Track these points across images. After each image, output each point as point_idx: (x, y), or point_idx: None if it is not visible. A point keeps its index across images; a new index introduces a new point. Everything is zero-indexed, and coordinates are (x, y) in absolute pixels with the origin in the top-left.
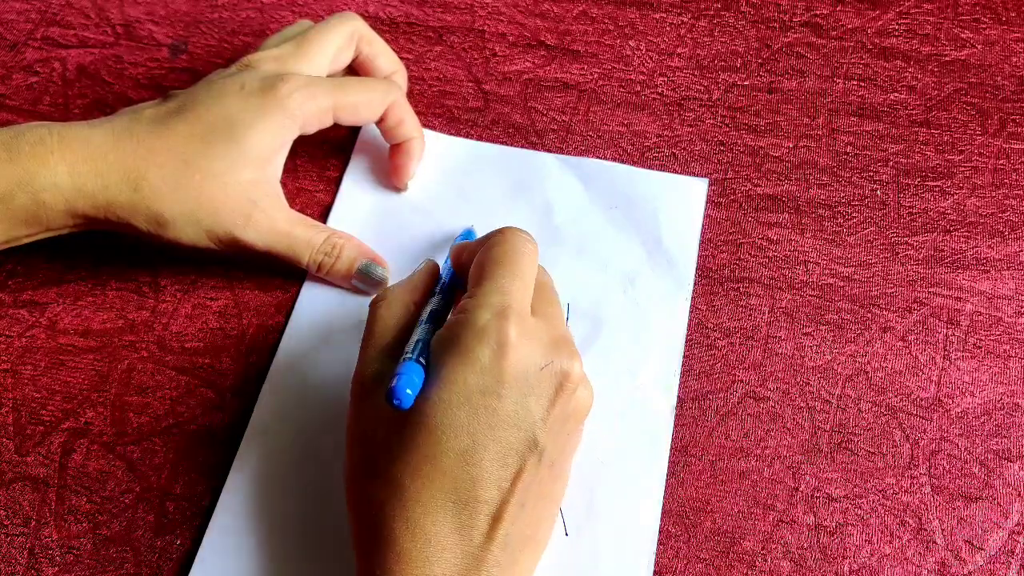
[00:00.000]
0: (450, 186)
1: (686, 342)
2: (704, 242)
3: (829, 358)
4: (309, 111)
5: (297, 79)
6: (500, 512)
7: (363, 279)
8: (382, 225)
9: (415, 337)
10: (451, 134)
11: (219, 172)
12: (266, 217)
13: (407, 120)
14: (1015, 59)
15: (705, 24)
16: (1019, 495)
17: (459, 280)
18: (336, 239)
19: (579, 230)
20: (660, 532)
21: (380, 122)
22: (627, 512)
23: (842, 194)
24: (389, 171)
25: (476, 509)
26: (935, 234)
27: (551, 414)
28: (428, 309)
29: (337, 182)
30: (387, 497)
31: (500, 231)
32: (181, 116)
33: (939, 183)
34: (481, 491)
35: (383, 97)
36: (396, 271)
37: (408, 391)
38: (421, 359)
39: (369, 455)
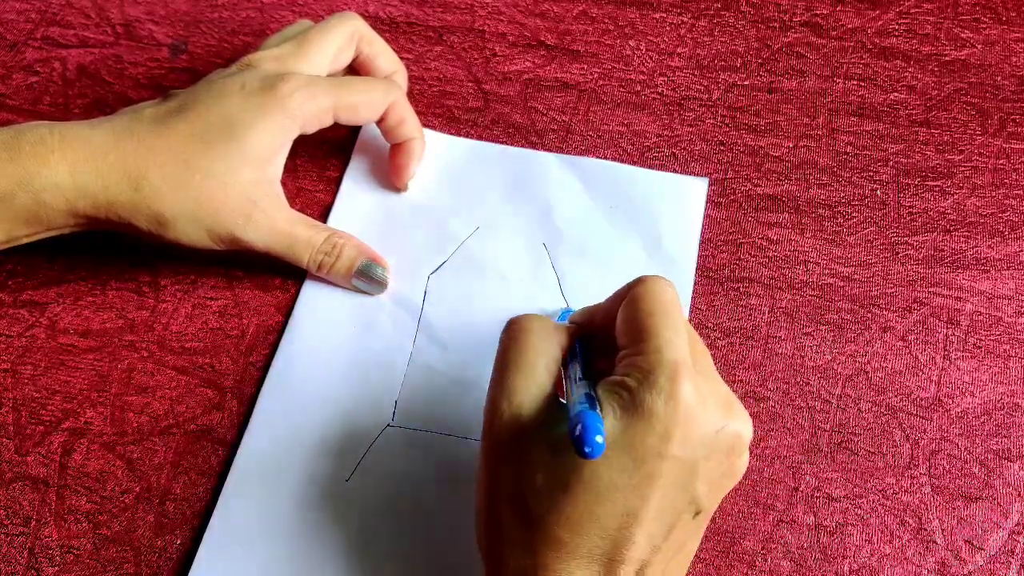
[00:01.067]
0: (450, 186)
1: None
2: (704, 242)
3: (829, 358)
4: (309, 110)
5: (297, 78)
6: (646, 566)
7: (363, 279)
8: (382, 225)
9: (581, 389)
10: (451, 134)
11: (220, 172)
12: (266, 217)
13: (408, 120)
14: (1015, 59)
15: (705, 24)
16: (1019, 495)
17: (590, 346)
18: (336, 239)
19: (579, 230)
20: None
21: (380, 122)
22: None
23: (842, 194)
24: (389, 171)
25: (628, 563)
26: (935, 234)
27: (716, 473)
28: (579, 370)
29: (337, 182)
30: (542, 547)
31: (641, 281)
32: (181, 116)
33: (939, 183)
34: (637, 549)
35: (383, 97)
36: (397, 271)
37: (599, 439)
38: (598, 412)
39: (521, 500)
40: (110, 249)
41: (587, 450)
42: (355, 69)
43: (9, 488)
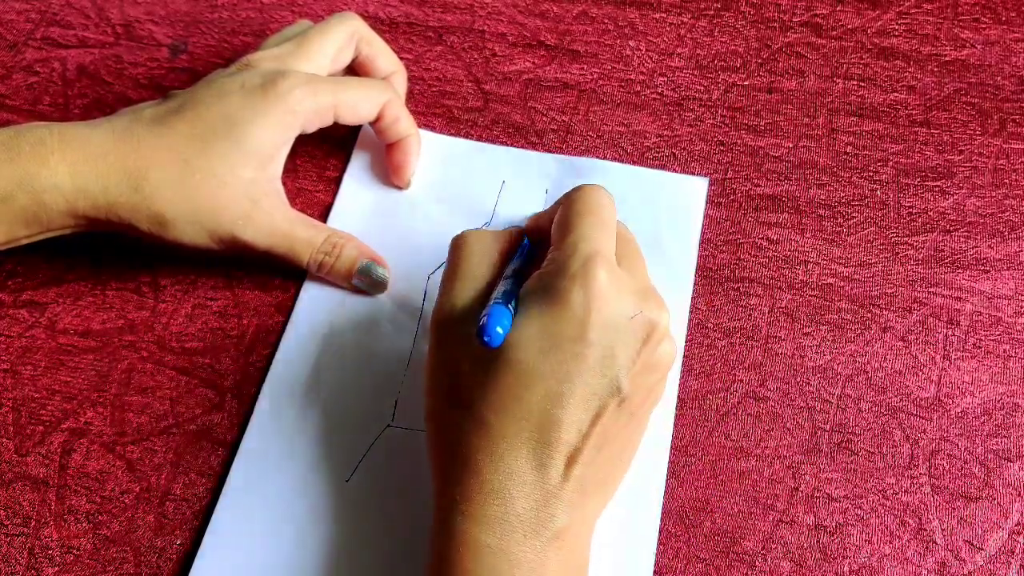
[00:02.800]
0: (450, 186)
1: (686, 342)
2: (704, 242)
3: (829, 358)
4: (310, 107)
5: (298, 76)
6: (576, 454)
7: (364, 279)
8: (382, 225)
9: (503, 287)
10: (451, 134)
11: (220, 171)
12: (267, 216)
13: (402, 118)
14: (1015, 59)
15: (705, 24)
16: (1019, 495)
17: (536, 251)
18: (336, 238)
19: None
20: (660, 532)
21: (376, 122)
22: (627, 512)
23: (842, 194)
24: (389, 170)
25: (556, 449)
26: (935, 234)
27: (636, 363)
28: (512, 267)
29: (337, 182)
30: (472, 430)
31: (576, 188)
32: (181, 115)
33: (939, 183)
34: (563, 432)
35: (380, 95)
36: (397, 271)
37: (499, 330)
38: (509, 306)
39: (454, 386)
40: (110, 249)
41: (486, 339)
42: (355, 69)
43: (9, 488)
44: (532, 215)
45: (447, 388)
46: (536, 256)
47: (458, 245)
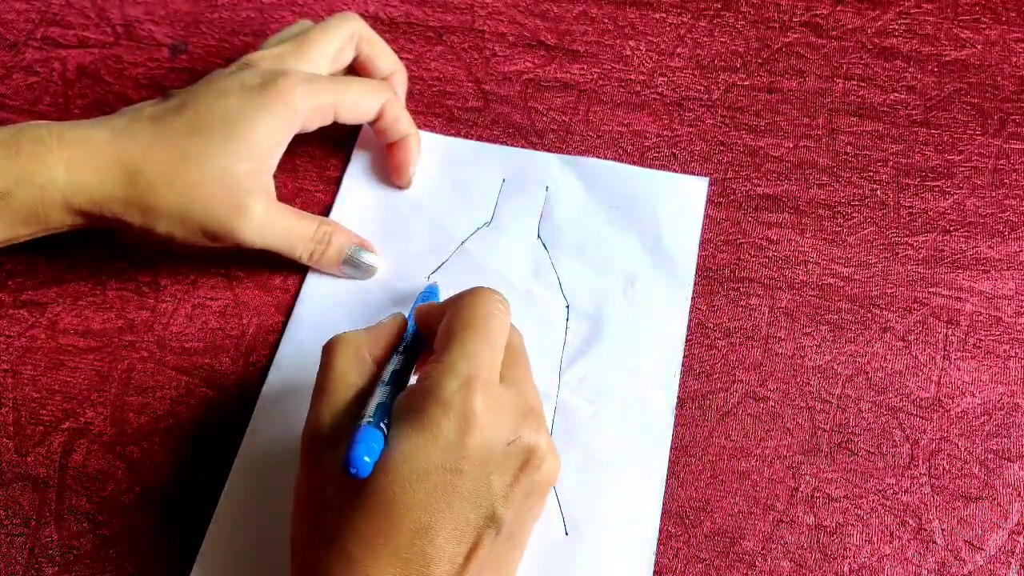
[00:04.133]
0: (450, 186)
1: (686, 342)
2: (704, 242)
3: (829, 358)
4: (310, 106)
5: (297, 75)
6: None
7: (351, 266)
8: (382, 225)
9: (375, 400)
10: (451, 134)
11: (216, 167)
12: (260, 211)
13: (402, 117)
14: (1015, 59)
15: (705, 24)
16: (1019, 495)
17: (423, 340)
18: (326, 227)
19: (579, 230)
20: (660, 532)
21: (375, 121)
22: (627, 512)
23: (842, 194)
24: (390, 170)
25: None
26: (935, 234)
27: (514, 490)
28: (390, 369)
29: (337, 182)
30: (334, 562)
31: (470, 291)
32: (181, 113)
33: (939, 183)
34: (434, 568)
35: (380, 95)
36: (397, 271)
37: (366, 459)
38: (382, 424)
39: (318, 517)
40: (110, 249)
41: (352, 470)
42: (355, 69)
43: (9, 488)
44: (419, 304)
45: (311, 518)
46: (424, 348)
47: (325, 352)
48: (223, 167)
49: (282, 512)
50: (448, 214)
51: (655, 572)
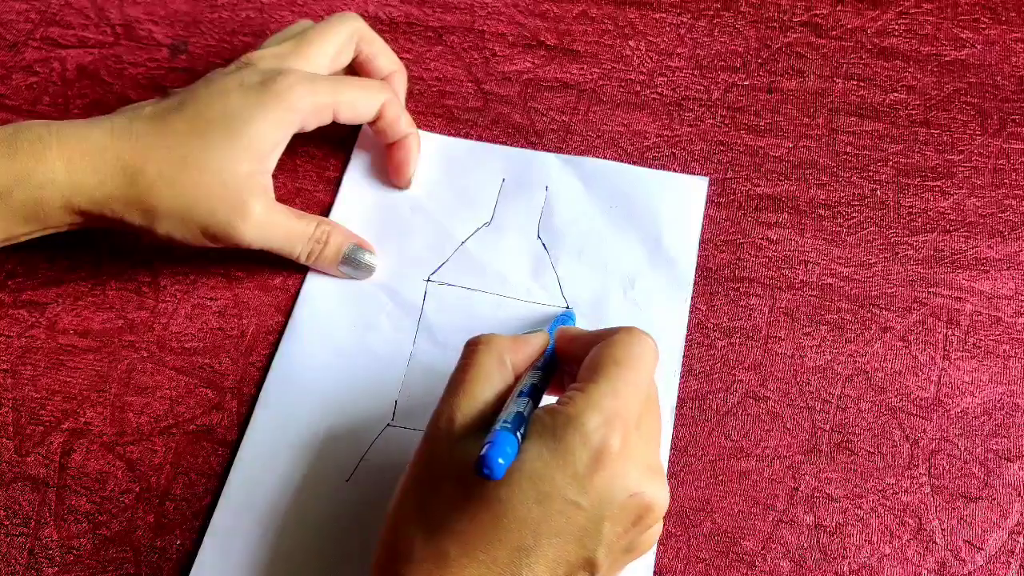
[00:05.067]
0: (450, 186)
1: (686, 342)
2: (704, 242)
3: (829, 358)
4: (309, 106)
5: (297, 74)
6: None
7: (350, 265)
8: (382, 226)
9: (514, 408)
10: (451, 134)
11: (216, 167)
12: (260, 211)
13: (402, 117)
14: (1015, 59)
15: (705, 24)
16: (1019, 495)
17: (558, 362)
18: (324, 226)
19: (579, 230)
20: (660, 532)
21: (375, 121)
22: None
23: (842, 194)
24: (389, 170)
25: None
26: (935, 234)
27: (619, 542)
28: (529, 382)
29: (337, 182)
30: (427, 555)
31: (627, 330)
32: (180, 113)
33: (939, 183)
34: None
35: (379, 95)
36: (396, 272)
37: (501, 461)
38: (517, 434)
39: (426, 506)
40: (110, 249)
41: (485, 471)
42: (355, 69)
43: (9, 488)
44: (559, 326)
45: (418, 505)
46: (558, 370)
47: (472, 350)
48: (223, 168)
49: (282, 512)
50: (448, 214)
51: (655, 572)
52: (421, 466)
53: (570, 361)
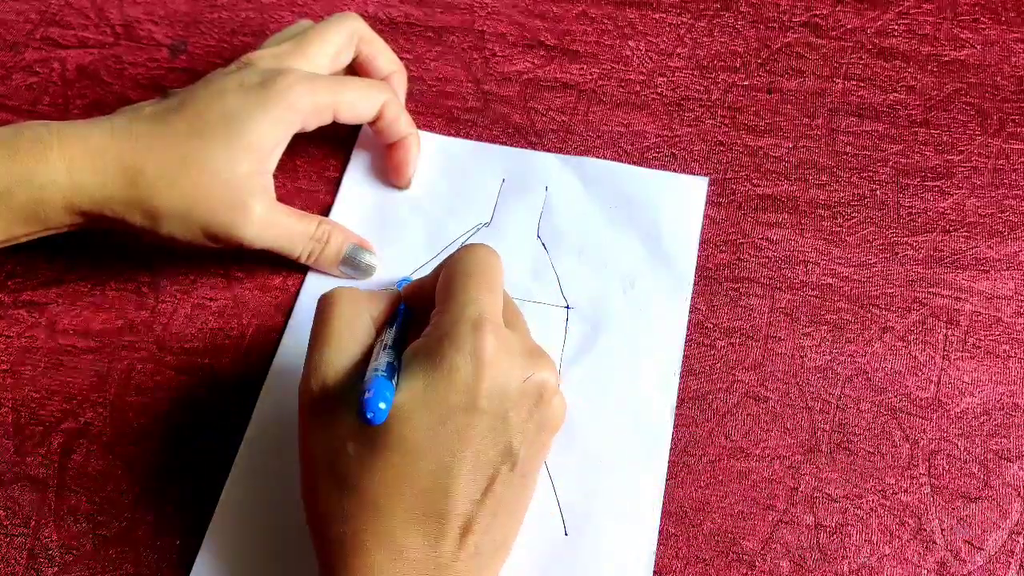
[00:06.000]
0: (450, 186)
1: (686, 342)
2: (704, 242)
3: (829, 358)
4: (309, 106)
5: (296, 74)
6: (471, 523)
7: (350, 266)
8: (382, 225)
9: (384, 359)
10: (451, 134)
11: (217, 168)
12: (261, 211)
13: (401, 117)
14: (1015, 59)
15: (704, 24)
16: (1018, 495)
17: (414, 318)
18: (325, 226)
19: (579, 230)
20: (660, 532)
21: (374, 122)
22: (627, 512)
23: (841, 194)
24: (389, 171)
25: (448, 521)
26: (934, 234)
27: (528, 425)
28: (391, 336)
29: (337, 182)
30: (358, 511)
31: (463, 247)
32: (180, 113)
33: (938, 183)
34: (456, 504)
35: (379, 95)
36: (397, 271)
37: (382, 405)
38: (393, 381)
39: (336, 469)
40: (110, 250)
41: (369, 416)
42: (354, 69)
43: (9, 488)
44: (411, 281)
45: (326, 469)
46: (414, 324)
47: (327, 305)
48: (224, 168)
49: (282, 511)
50: (447, 214)
51: (655, 572)
52: (313, 435)
53: (422, 309)
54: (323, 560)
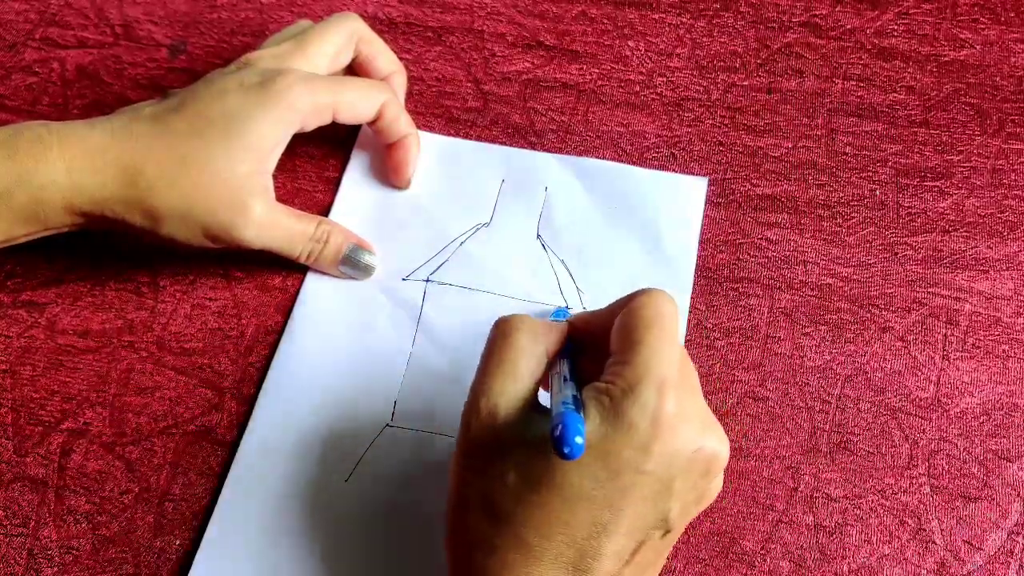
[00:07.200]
0: (450, 186)
1: (685, 342)
2: (703, 242)
3: (828, 358)
4: (308, 106)
5: (296, 74)
6: None
7: (349, 265)
8: (382, 225)
9: (568, 391)
10: (451, 134)
11: (216, 168)
12: (261, 212)
13: (401, 117)
14: (1014, 59)
15: (704, 24)
16: (1018, 495)
17: (577, 350)
18: (325, 226)
19: (578, 230)
20: None
21: (374, 122)
22: None
23: (841, 194)
24: (389, 171)
25: (592, 574)
26: (934, 234)
27: (688, 496)
28: (566, 368)
29: (337, 182)
30: (509, 547)
31: (644, 292)
32: (180, 113)
33: (938, 183)
34: (604, 561)
35: (379, 95)
36: (396, 272)
37: (579, 440)
38: (581, 413)
39: (492, 498)
40: (109, 250)
41: (566, 450)
42: (354, 69)
43: (8, 489)
44: (582, 312)
45: (484, 499)
46: (579, 356)
47: (508, 330)
48: (224, 168)
49: (280, 512)
50: (447, 214)
51: None
52: (472, 453)
53: (588, 344)
54: None
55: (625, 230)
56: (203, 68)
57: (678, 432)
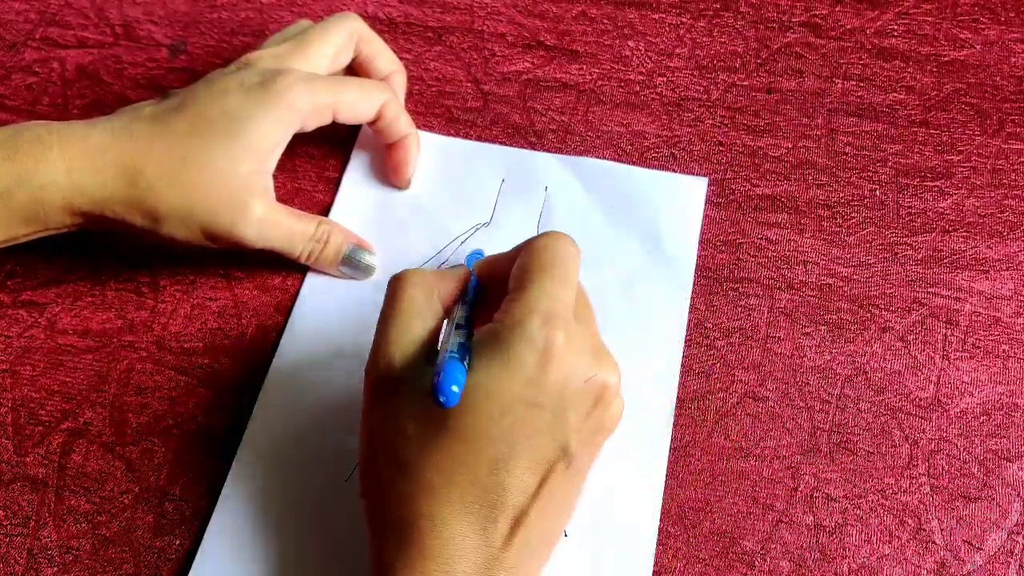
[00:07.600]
0: (450, 186)
1: (685, 342)
2: (703, 242)
3: (828, 358)
4: (308, 105)
5: (296, 74)
6: (522, 516)
7: (349, 265)
8: (382, 226)
9: (455, 339)
10: (451, 134)
11: (217, 168)
12: (261, 212)
13: (401, 117)
14: (1014, 59)
15: (704, 24)
16: (1018, 495)
17: (483, 294)
18: (325, 226)
19: (578, 230)
20: (660, 532)
21: (374, 122)
22: (627, 512)
23: (841, 194)
24: (389, 171)
25: (501, 512)
26: (934, 234)
27: (586, 425)
28: (460, 315)
29: (337, 182)
30: (414, 494)
31: (546, 234)
32: (180, 113)
33: (938, 183)
34: (510, 496)
35: (379, 95)
36: (396, 271)
37: (455, 388)
38: (464, 362)
39: (395, 448)
40: (109, 250)
41: (442, 399)
42: (354, 69)
43: (8, 488)
44: (487, 257)
45: (388, 450)
46: (486, 299)
47: (397, 287)
48: (224, 168)
49: (281, 512)
50: (447, 214)
51: (655, 572)
52: (377, 412)
53: (495, 287)
54: (376, 544)
55: (625, 230)
56: (203, 68)
57: (566, 363)
